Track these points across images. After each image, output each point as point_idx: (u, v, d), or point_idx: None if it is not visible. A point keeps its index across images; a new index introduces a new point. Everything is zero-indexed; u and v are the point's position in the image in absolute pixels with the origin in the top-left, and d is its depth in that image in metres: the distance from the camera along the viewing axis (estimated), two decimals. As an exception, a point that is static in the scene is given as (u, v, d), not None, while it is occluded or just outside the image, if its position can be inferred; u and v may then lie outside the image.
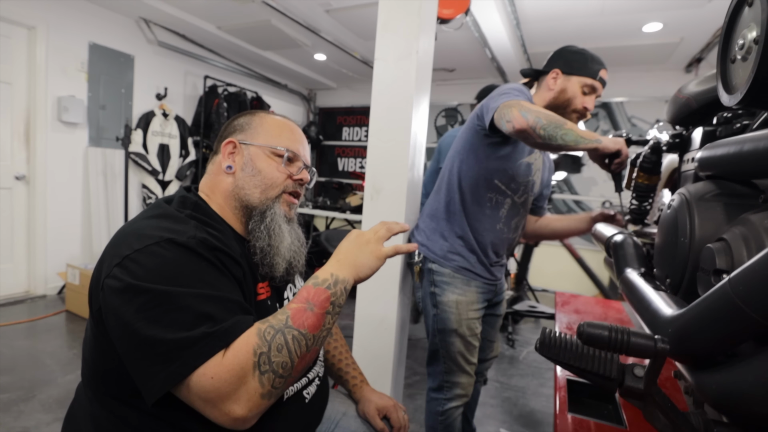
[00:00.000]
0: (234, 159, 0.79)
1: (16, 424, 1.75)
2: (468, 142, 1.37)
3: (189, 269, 0.61)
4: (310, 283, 0.67)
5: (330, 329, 0.67)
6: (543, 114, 1.10)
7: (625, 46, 3.42)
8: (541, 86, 1.41)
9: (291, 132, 0.84)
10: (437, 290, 1.36)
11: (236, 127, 0.82)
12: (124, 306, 0.57)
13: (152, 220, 0.67)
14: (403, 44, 1.46)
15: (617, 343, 0.42)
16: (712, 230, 0.57)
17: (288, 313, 0.63)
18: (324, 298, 0.65)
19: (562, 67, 1.35)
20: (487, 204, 1.35)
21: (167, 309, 0.57)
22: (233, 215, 0.78)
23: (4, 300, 3.11)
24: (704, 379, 0.48)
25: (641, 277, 0.75)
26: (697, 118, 0.96)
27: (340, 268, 0.69)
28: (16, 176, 3.15)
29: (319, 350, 0.65)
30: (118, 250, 0.62)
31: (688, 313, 0.48)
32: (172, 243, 0.62)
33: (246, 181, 0.78)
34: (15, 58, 3.05)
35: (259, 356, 0.58)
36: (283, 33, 3.69)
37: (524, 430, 1.97)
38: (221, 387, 0.56)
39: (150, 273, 0.59)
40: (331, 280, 0.67)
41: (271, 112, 0.86)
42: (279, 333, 0.60)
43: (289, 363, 0.60)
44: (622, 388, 0.48)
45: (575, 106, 1.34)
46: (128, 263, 0.59)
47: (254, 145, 0.80)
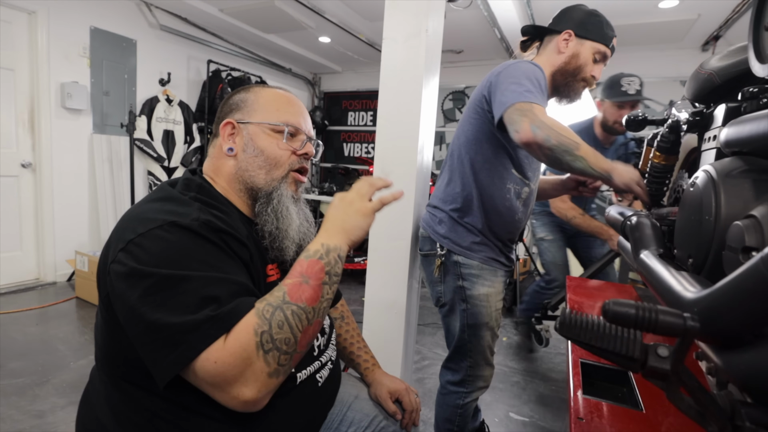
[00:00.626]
0: (234, 140, 0.77)
1: (32, 408, 1.78)
2: (479, 130, 1.25)
3: (193, 252, 0.60)
4: (302, 257, 0.66)
5: (330, 300, 0.66)
6: (555, 133, 1.02)
7: (640, 23, 3.33)
8: (548, 47, 1.29)
9: (289, 104, 0.81)
10: (466, 284, 1.26)
11: (232, 106, 0.79)
12: (129, 290, 0.57)
13: (156, 203, 0.67)
14: (412, 23, 1.42)
15: (645, 322, 0.40)
16: (739, 207, 0.55)
17: (284, 289, 0.62)
18: (318, 269, 0.64)
19: (576, 29, 1.24)
20: (506, 196, 1.25)
21: (171, 293, 0.57)
22: (238, 197, 0.77)
23: (15, 287, 3.16)
24: (732, 359, 0.46)
25: (659, 258, 0.73)
26: (720, 95, 0.92)
27: (329, 237, 0.68)
28: (22, 164, 3.16)
29: (321, 322, 0.65)
30: (122, 234, 0.62)
31: (716, 291, 0.46)
32: (176, 226, 0.61)
33: (249, 162, 0.76)
34: (16, 44, 3.03)
35: (261, 335, 0.57)
36: (287, 15, 3.63)
37: (533, 415, 1.97)
38: (226, 371, 0.55)
39: (154, 257, 0.58)
40: (323, 249, 0.66)
41: (265, 87, 0.83)
42: (278, 309, 0.60)
43: (292, 338, 0.59)
44: (645, 369, 0.46)
45: (584, 75, 1.25)
46: (132, 248, 0.59)
47: (253, 123, 0.77)
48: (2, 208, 3.08)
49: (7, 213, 3.12)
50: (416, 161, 1.45)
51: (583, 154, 1.02)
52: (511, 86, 1.11)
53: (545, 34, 1.31)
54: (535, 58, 1.32)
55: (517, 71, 1.15)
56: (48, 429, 1.66)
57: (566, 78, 1.26)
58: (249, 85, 0.83)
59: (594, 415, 0.79)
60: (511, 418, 1.93)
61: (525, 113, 1.05)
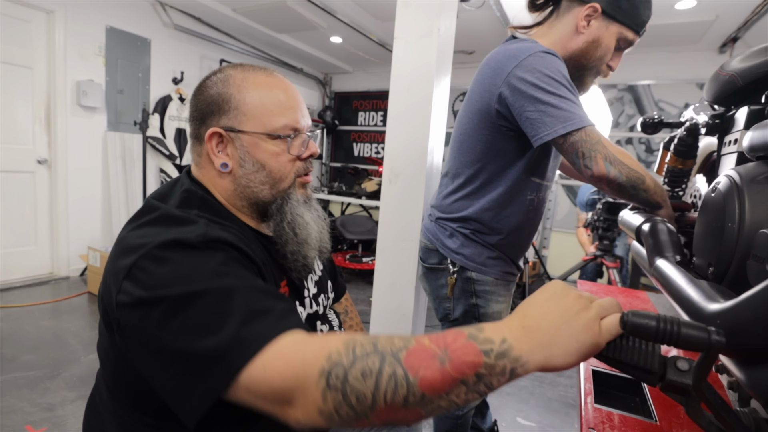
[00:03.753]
0: (226, 152, 0.66)
1: (43, 401, 1.80)
2: (491, 147, 1.07)
3: (205, 265, 0.52)
4: (465, 331, 0.46)
5: (454, 407, 0.45)
6: (626, 169, 0.93)
7: (656, 25, 3.26)
8: (563, 19, 1.04)
9: (284, 94, 0.67)
10: (480, 302, 1.16)
11: (212, 106, 0.65)
12: (142, 322, 0.50)
13: (152, 227, 0.57)
14: (424, 23, 1.41)
15: (666, 335, 0.38)
16: (765, 214, 0.53)
17: (408, 345, 0.45)
18: (469, 361, 0.43)
19: (605, 3, 0.98)
20: (529, 208, 1.13)
21: (191, 313, 0.49)
22: (242, 213, 0.69)
23: (29, 281, 3.21)
24: (757, 375, 0.44)
25: (677, 266, 0.71)
26: (742, 97, 0.89)
27: (521, 339, 0.44)
28: (38, 160, 3.21)
29: (417, 418, 0.45)
30: (121, 262, 0.54)
31: (742, 303, 0.44)
32: (179, 244, 0.53)
33: (249, 178, 0.66)
34: (34, 43, 3.08)
35: (334, 365, 0.44)
36: (299, 15, 3.63)
37: (541, 420, 1.95)
38: (272, 380, 0.45)
39: (161, 278, 0.50)
40: (498, 347, 0.43)
41: (241, 67, 0.68)
42: (377, 356, 0.44)
43: (369, 400, 0.43)
44: (663, 382, 0.44)
45: (601, 66, 1.06)
46: (135, 272, 0.52)
47: (246, 133, 0.65)
48: (18, 204, 3.14)
49: (23, 208, 3.17)
50: (426, 162, 1.44)
51: (647, 187, 0.95)
52: (549, 99, 0.93)
53: (558, 1, 1.06)
54: (540, 29, 1.09)
55: (538, 72, 0.93)
56: (57, 422, 1.68)
57: (580, 70, 1.07)
58: (222, 71, 0.68)
59: (606, 425, 0.77)
60: (518, 423, 1.91)
61: (595, 147, 0.93)
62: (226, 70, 0.68)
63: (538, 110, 0.93)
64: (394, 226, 1.49)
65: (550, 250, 4.50)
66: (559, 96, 0.93)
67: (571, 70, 1.06)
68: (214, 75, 0.68)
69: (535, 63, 0.94)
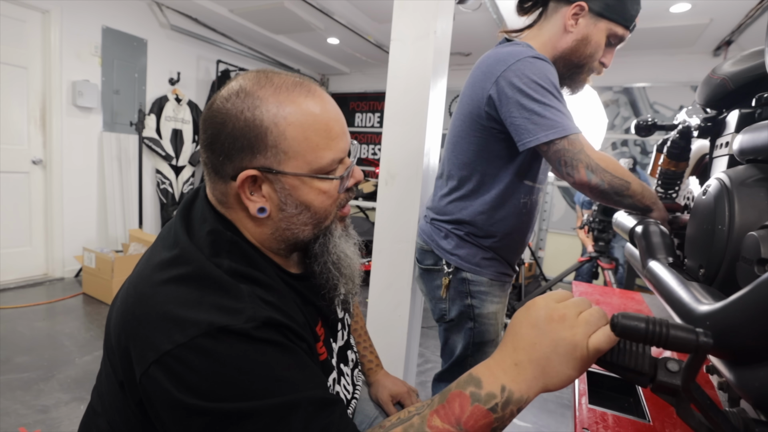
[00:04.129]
0: (262, 194, 0.55)
1: (37, 402, 1.79)
2: (483, 149, 1.08)
3: (258, 369, 0.46)
4: (467, 392, 0.46)
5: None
6: (608, 176, 0.94)
7: (651, 28, 3.29)
8: (552, 19, 1.05)
9: (329, 121, 0.57)
10: (475, 302, 1.16)
11: (242, 142, 0.52)
12: (181, 423, 0.45)
13: (188, 287, 0.49)
14: (420, 24, 1.41)
15: (655, 337, 0.39)
16: (754, 217, 0.53)
17: (424, 428, 0.46)
18: (483, 425, 0.45)
19: (592, 2, 0.99)
20: (522, 211, 1.13)
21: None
22: (275, 254, 0.61)
23: (23, 282, 3.19)
24: (746, 376, 0.44)
25: (669, 268, 0.71)
26: (734, 100, 0.90)
27: (517, 379, 0.45)
28: (33, 160, 3.20)
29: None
30: (150, 335, 0.47)
31: (731, 305, 0.44)
32: (227, 332, 0.45)
33: (290, 221, 0.58)
34: (30, 43, 3.07)
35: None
36: (296, 16, 3.64)
37: (537, 421, 1.95)
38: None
39: (206, 382, 0.44)
40: (501, 398, 0.45)
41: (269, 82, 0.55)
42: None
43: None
44: (654, 384, 0.45)
45: (593, 64, 1.05)
46: (173, 364, 0.44)
47: (290, 174, 0.55)
48: (12, 204, 3.12)
49: (17, 209, 3.15)
50: (422, 163, 1.44)
51: (632, 193, 0.96)
52: (531, 107, 0.94)
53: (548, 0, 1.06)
54: (530, 32, 1.10)
55: (526, 78, 0.94)
56: (52, 424, 1.67)
57: (571, 69, 1.07)
58: (246, 91, 0.53)
59: (599, 425, 0.77)
60: (514, 423, 1.91)
61: (578, 155, 0.94)
62: (252, 90, 0.54)
63: (523, 116, 0.95)
64: (390, 228, 1.50)
65: (546, 251, 4.52)
66: (545, 103, 0.93)
67: (563, 69, 1.07)
68: (236, 96, 0.53)
69: (524, 68, 0.95)
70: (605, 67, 1.08)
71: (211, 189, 0.58)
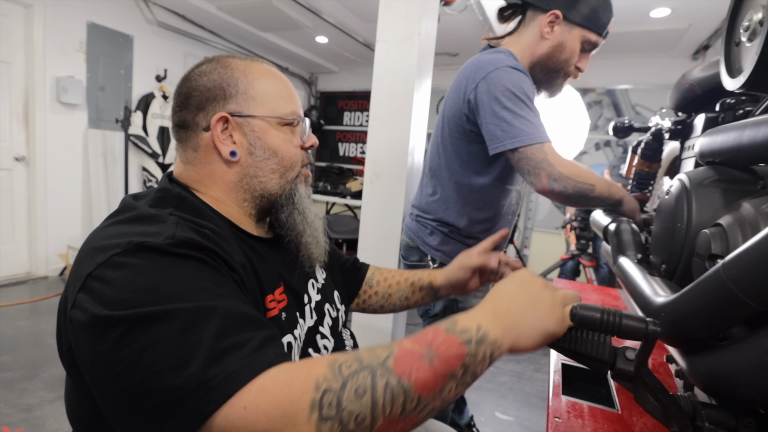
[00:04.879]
0: (233, 140, 0.60)
1: (20, 402, 1.78)
2: (464, 151, 1.12)
3: (172, 277, 0.45)
4: (441, 326, 0.47)
5: (447, 404, 0.45)
6: (571, 183, 0.97)
7: (632, 32, 3.37)
8: (530, 27, 1.09)
9: (286, 84, 0.66)
10: (459, 297, 1.20)
11: (216, 92, 0.60)
12: (96, 345, 0.42)
13: (121, 225, 0.51)
14: (405, 26, 1.44)
15: (609, 325, 0.42)
16: (709, 216, 0.57)
17: (392, 351, 0.44)
18: (454, 354, 0.44)
19: (566, 9, 1.04)
20: (501, 211, 1.18)
21: (152, 340, 0.41)
22: (239, 208, 0.63)
23: (5, 281, 3.14)
24: (695, 363, 0.48)
25: (637, 263, 0.75)
26: (701, 105, 0.95)
27: (494, 324, 0.47)
28: (15, 157, 3.15)
29: (419, 424, 0.45)
30: (80, 269, 0.47)
31: (681, 297, 0.48)
32: (144, 248, 0.46)
33: (258, 166, 0.62)
34: (12, 37, 3.02)
35: (324, 393, 0.40)
36: (284, 14, 3.63)
37: (518, 415, 2.00)
38: (257, 422, 0.39)
39: (120, 292, 0.43)
40: (476, 335, 0.46)
41: (233, 56, 0.64)
42: (366, 371, 0.42)
43: (368, 419, 0.40)
44: (613, 371, 0.48)
45: (569, 68, 1.09)
46: (92, 283, 0.45)
47: (258, 117, 0.61)
48: (-6, 202, 3.07)
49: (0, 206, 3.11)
50: (407, 163, 1.47)
51: (598, 194, 0.99)
52: (502, 115, 0.98)
53: (529, 8, 1.10)
54: (511, 38, 1.15)
55: (500, 87, 0.99)
56: (36, 423, 1.66)
57: (547, 74, 1.11)
58: (216, 60, 0.63)
59: (571, 414, 0.81)
60: (497, 417, 1.96)
61: (538, 164, 0.97)
62: (221, 59, 0.63)
63: (494, 123, 1.00)
64: (375, 226, 1.52)
65: (531, 249, 4.59)
66: (515, 112, 0.98)
67: (540, 73, 1.12)
68: (208, 63, 0.63)
69: (501, 77, 1.00)
70: (581, 72, 1.12)
71: (182, 152, 0.62)
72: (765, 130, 0.48)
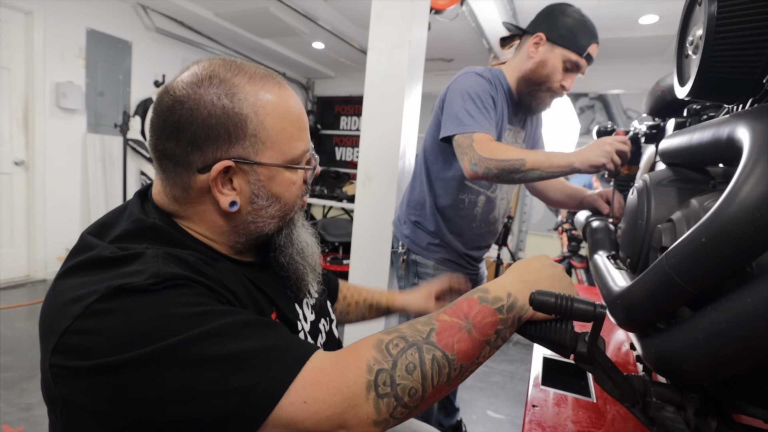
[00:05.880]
0: (232, 187, 0.53)
1: (20, 401, 1.81)
2: (435, 142, 1.26)
3: (168, 310, 0.42)
4: (475, 296, 0.50)
5: (480, 365, 0.50)
6: (494, 162, 1.05)
7: (621, 38, 3.44)
8: (522, 49, 1.24)
9: (299, 112, 0.56)
10: (421, 282, 1.32)
11: (218, 131, 0.50)
12: (98, 400, 0.40)
13: (91, 272, 0.44)
14: (395, 34, 1.49)
15: (562, 309, 0.47)
16: (665, 213, 0.62)
17: (434, 326, 0.47)
18: (489, 322, 0.48)
19: (548, 32, 1.17)
20: (460, 206, 1.28)
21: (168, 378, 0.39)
22: (229, 248, 0.57)
23: (4, 284, 3.17)
24: (647, 345, 0.53)
25: (607, 259, 0.80)
26: (672, 110, 1.00)
27: (523, 290, 0.51)
28: (15, 162, 3.18)
29: (456, 386, 0.52)
30: (51, 325, 0.42)
31: (633, 285, 0.53)
32: (125, 290, 0.41)
33: (259, 213, 0.56)
34: (12, 43, 3.07)
35: (377, 374, 0.43)
36: (281, 20, 3.69)
37: (510, 413, 2.04)
38: (319, 411, 0.41)
39: (113, 338, 0.39)
40: (507, 301, 0.50)
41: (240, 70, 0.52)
42: (413, 348, 0.45)
43: (420, 391, 0.44)
44: (574, 354, 0.53)
45: (551, 84, 1.19)
46: (72, 338, 0.40)
47: (266, 165, 0.53)
48: (-7, 206, 3.11)
49: (-1, 210, 3.14)
50: (398, 165, 1.52)
51: (532, 165, 1.04)
52: (453, 108, 1.14)
53: (524, 34, 1.25)
54: (509, 60, 1.30)
55: (460, 88, 1.15)
56: (35, 422, 1.69)
57: (530, 87, 1.22)
58: (222, 78, 0.51)
59: (548, 403, 0.85)
60: (488, 416, 2.00)
61: (464, 151, 1.09)
62: (226, 77, 0.51)
63: (446, 115, 1.17)
64: (367, 227, 1.57)
65: (526, 252, 4.63)
66: (462, 107, 1.13)
67: (525, 86, 1.25)
68: (209, 83, 0.50)
69: (464, 79, 1.18)
70: (566, 90, 1.22)
71: (166, 184, 0.54)
72: (709, 133, 0.53)
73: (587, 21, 1.17)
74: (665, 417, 0.51)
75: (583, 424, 0.76)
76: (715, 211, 0.40)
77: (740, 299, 0.40)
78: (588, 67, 1.22)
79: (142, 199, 0.56)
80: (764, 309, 0.38)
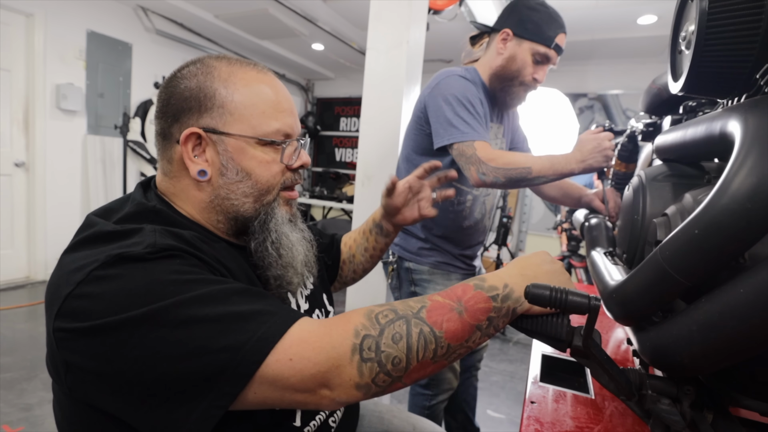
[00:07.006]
0: (205, 158, 0.55)
1: (20, 401, 1.81)
2: (418, 145, 1.24)
3: (163, 276, 0.44)
4: (471, 283, 0.52)
5: (470, 350, 0.50)
6: (502, 172, 1.06)
7: (620, 38, 3.45)
8: (491, 46, 1.24)
9: (278, 95, 0.58)
10: (418, 289, 1.29)
11: (191, 102, 0.54)
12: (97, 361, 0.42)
13: (93, 245, 0.48)
14: (394, 34, 1.50)
15: (556, 301, 0.47)
16: (660, 207, 0.63)
17: (425, 304, 0.49)
18: (482, 308, 0.49)
19: (514, 27, 1.17)
20: (449, 208, 1.27)
21: (165, 333, 0.42)
22: (214, 229, 0.59)
23: (5, 285, 3.17)
24: (642, 338, 0.53)
25: (604, 255, 0.80)
26: (668, 108, 1.01)
27: (520, 282, 0.52)
28: (15, 163, 3.19)
29: (444, 367, 0.50)
30: (55, 292, 0.45)
31: (628, 279, 0.53)
32: (123, 258, 0.44)
33: (230, 188, 0.57)
34: (13, 45, 3.08)
35: (363, 339, 0.45)
36: (281, 22, 3.70)
37: (510, 412, 2.04)
38: (304, 369, 0.43)
39: (112, 301, 0.42)
40: (502, 291, 0.51)
41: (226, 59, 0.59)
42: (402, 320, 0.47)
43: (404, 362, 0.46)
44: (571, 347, 0.53)
45: (523, 78, 1.19)
46: (74, 302, 0.43)
47: (234, 135, 0.55)
48: (-6, 207, 3.11)
49: (-1, 212, 3.15)
50: (396, 165, 1.52)
51: (538, 173, 1.06)
52: (446, 115, 1.11)
53: (493, 32, 1.25)
54: (480, 58, 1.29)
55: (447, 92, 1.13)
56: (35, 422, 1.69)
57: (502, 83, 1.22)
58: (202, 61, 0.58)
59: (546, 399, 0.86)
60: (488, 415, 2.00)
61: (470, 160, 1.08)
62: (207, 61, 0.57)
63: (438, 122, 1.14)
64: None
65: (525, 252, 4.64)
66: (455, 114, 1.11)
67: (497, 83, 1.24)
68: (192, 65, 0.57)
69: (449, 83, 1.16)
70: (539, 83, 1.22)
71: (160, 161, 0.59)
72: (702, 128, 0.53)
73: (552, 12, 1.17)
74: (661, 410, 0.52)
75: (581, 419, 0.76)
76: (708, 203, 0.40)
77: (733, 290, 0.40)
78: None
79: (145, 188, 0.60)
80: (757, 299, 0.38)
